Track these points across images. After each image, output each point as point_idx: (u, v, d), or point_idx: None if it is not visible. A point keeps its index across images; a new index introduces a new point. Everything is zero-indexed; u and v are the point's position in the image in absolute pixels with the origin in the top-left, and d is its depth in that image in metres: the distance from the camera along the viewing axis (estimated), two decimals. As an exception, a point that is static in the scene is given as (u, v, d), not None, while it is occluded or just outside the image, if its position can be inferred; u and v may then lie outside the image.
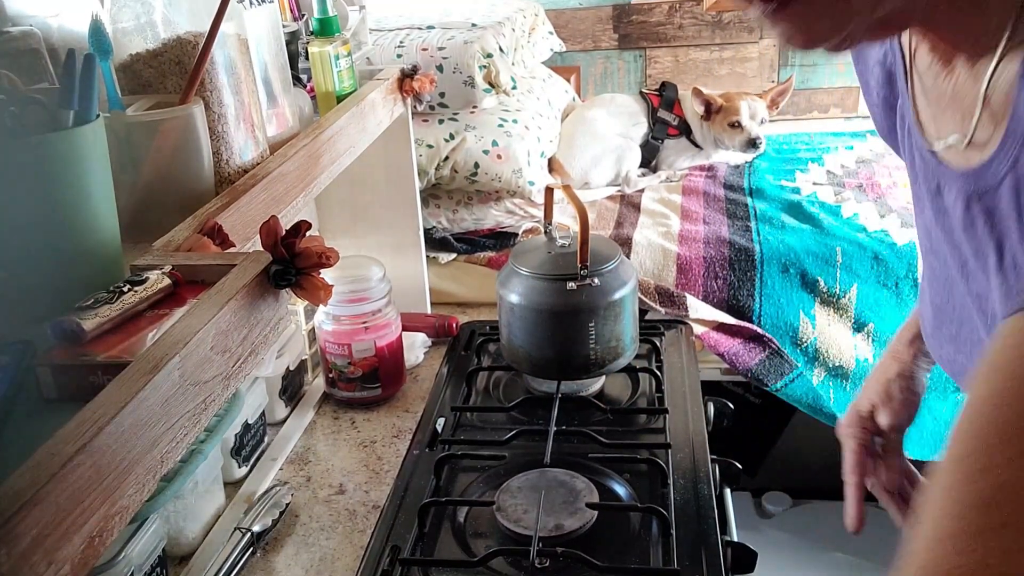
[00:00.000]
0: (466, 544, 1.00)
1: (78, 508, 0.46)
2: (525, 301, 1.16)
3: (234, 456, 1.14)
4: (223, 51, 0.85)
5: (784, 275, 1.55)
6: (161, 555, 0.93)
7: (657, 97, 1.99)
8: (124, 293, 0.61)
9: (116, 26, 0.82)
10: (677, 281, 1.56)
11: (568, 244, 1.19)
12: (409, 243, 1.48)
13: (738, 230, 1.67)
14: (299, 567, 1.02)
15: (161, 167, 0.79)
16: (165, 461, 0.55)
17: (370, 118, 1.18)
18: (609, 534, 0.99)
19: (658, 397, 1.25)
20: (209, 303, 0.62)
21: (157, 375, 0.53)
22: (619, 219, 1.78)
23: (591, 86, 2.48)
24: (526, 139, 1.66)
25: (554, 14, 2.36)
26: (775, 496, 1.98)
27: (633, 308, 1.20)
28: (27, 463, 0.45)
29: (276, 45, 1.02)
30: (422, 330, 1.47)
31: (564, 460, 1.08)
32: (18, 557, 0.41)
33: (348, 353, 1.28)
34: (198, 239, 0.74)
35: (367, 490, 1.14)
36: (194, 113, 0.80)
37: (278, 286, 0.68)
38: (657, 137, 1.96)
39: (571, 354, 1.17)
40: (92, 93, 0.64)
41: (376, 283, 1.28)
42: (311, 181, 0.98)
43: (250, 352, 0.66)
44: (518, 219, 1.71)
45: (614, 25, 2.41)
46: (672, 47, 2.41)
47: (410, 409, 1.32)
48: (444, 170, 1.63)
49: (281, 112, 1.03)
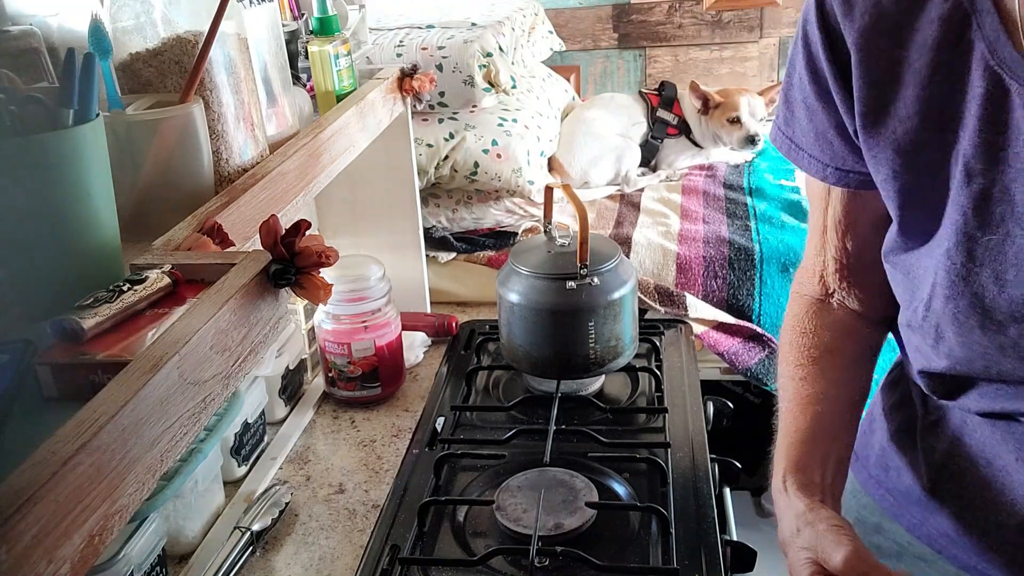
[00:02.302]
0: (466, 543, 1.00)
1: (78, 507, 0.46)
2: (525, 300, 1.16)
3: (234, 455, 1.14)
4: (223, 50, 0.85)
5: (784, 274, 1.55)
6: (161, 554, 0.93)
7: (656, 96, 1.99)
8: (124, 292, 0.61)
9: (116, 25, 0.82)
10: (677, 280, 1.56)
11: (568, 243, 1.19)
12: (409, 242, 1.48)
13: (738, 229, 1.67)
14: (299, 566, 1.02)
15: (161, 166, 0.79)
16: (165, 460, 0.55)
17: (370, 117, 1.18)
18: (608, 533, 0.99)
19: (658, 396, 1.25)
20: (209, 302, 0.62)
21: (157, 374, 0.53)
22: (619, 218, 1.78)
23: (591, 85, 2.48)
24: (526, 138, 1.66)
25: (554, 13, 2.36)
26: (775, 495, 1.98)
27: (633, 307, 1.20)
28: (27, 462, 0.45)
29: (276, 44, 1.02)
30: (422, 329, 1.47)
31: (564, 459, 1.08)
32: (18, 555, 0.41)
33: (348, 352, 1.28)
34: (198, 238, 0.74)
35: (367, 489, 1.14)
36: (194, 112, 0.80)
37: (278, 285, 0.68)
38: (657, 137, 1.96)
39: (571, 353, 1.18)
40: (92, 92, 0.63)
41: (376, 282, 1.28)
42: (311, 180, 0.98)
43: (250, 351, 0.66)
44: (518, 218, 1.71)
45: (614, 24, 2.41)
46: (672, 46, 2.41)
47: (410, 408, 1.32)
48: (444, 169, 1.63)
49: (281, 111, 1.03)
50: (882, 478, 0.89)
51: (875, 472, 0.90)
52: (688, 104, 1.96)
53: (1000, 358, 0.71)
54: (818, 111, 0.77)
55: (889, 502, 0.88)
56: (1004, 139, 0.65)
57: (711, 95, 1.91)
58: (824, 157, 0.80)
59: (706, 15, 2.36)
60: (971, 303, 0.71)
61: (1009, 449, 0.74)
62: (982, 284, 0.70)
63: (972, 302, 0.71)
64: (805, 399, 0.84)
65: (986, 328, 0.71)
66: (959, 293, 0.71)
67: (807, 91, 0.77)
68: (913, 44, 0.69)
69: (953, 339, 0.74)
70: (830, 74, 0.74)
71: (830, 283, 0.87)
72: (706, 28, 2.38)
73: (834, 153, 0.79)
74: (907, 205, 0.73)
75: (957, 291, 0.71)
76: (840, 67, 0.73)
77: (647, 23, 2.40)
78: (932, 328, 0.76)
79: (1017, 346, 0.69)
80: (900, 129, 0.71)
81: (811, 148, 0.80)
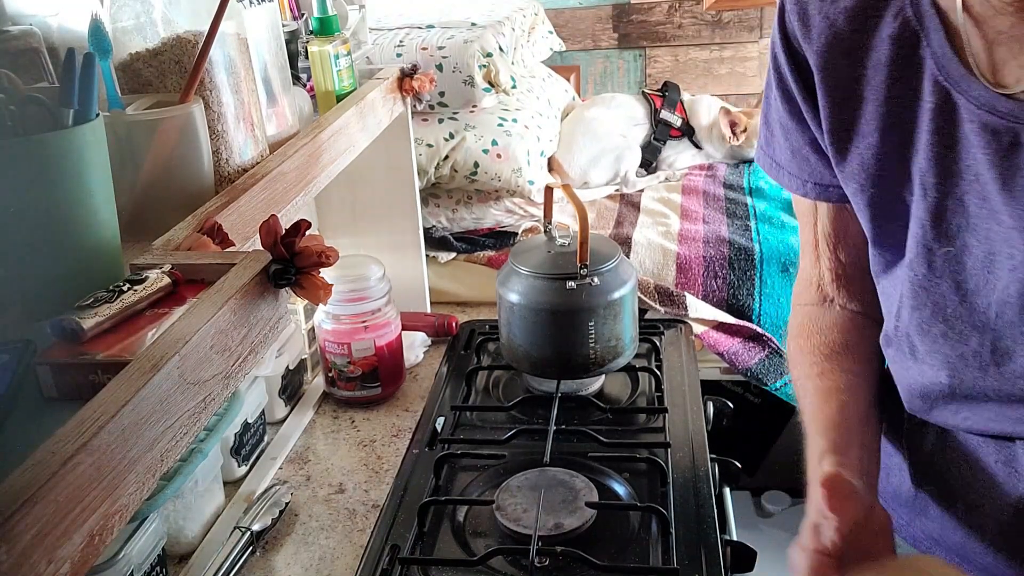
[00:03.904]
0: (466, 543, 1.00)
1: (78, 506, 0.46)
2: (525, 300, 1.16)
3: (234, 455, 1.14)
4: (223, 50, 0.85)
5: (784, 274, 1.55)
6: (161, 554, 0.93)
7: (659, 98, 1.98)
8: (124, 292, 0.61)
9: (116, 25, 0.82)
10: (677, 280, 1.56)
11: (568, 243, 1.19)
12: (409, 242, 1.48)
13: (738, 229, 1.67)
14: (299, 566, 1.02)
15: (161, 166, 0.79)
16: (165, 460, 0.55)
17: (370, 117, 1.18)
18: (608, 533, 0.99)
19: (658, 396, 1.25)
20: (209, 302, 0.62)
21: (157, 374, 0.53)
22: (619, 218, 1.78)
23: (591, 85, 2.48)
24: (526, 138, 1.66)
25: (554, 13, 2.36)
26: (774, 495, 1.98)
27: (633, 307, 1.20)
28: (27, 461, 0.45)
29: (276, 44, 1.02)
30: (422, 329, 1.47)
31: (564, 459, 1.08)
32: (18, 555, 0.41)
33: (348, 352, 1.28)
34: (198, 238, 0.74)
35: (367, 489, 1.14)
36: (194, 112, 0.80)
37: (278, 285, 0.68)
38: (659, 138, 1.96)
39: (571, 353, 1.18)
40: (92, 92, 0.64)
41: (376, 282, 1.28)
42: (311, 180, 0.98)
43: (250, 351, 0.66)
44: (518, 218, 1.71)
45: (614, 24, 2.41)
46: (672, 46, 2.41)
47: (410, 408, 1.32)
48: (444, 169, 1.63)
49: (281, 111, 1.03)
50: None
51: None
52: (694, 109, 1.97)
53: (963, 368, 0.72)
54: (792, 129, 0.79)
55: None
56: (955, 153, 0.67)
57: (739, 119, 1.91)
58: (803, 174, 0.82)
59: (706, 15, 2.36)
60: (933, 313, 0.72)
61: (990, 452, 0.75)
62: (943, 295, 0.71)
63: (934, 312, 0.72)
64: (827, 391, 0.83)
65: (948, 338, 0.72)
66: (922, 304, 0.73)
67: (781, 111, 0.80)
68: (870, 62, 0.70)
69: (921, 350, 0.75)
70: (798, 93, 0.76)
71: (829, 291, 0.88)
72: (706, 28, 2.38)
73: (812, 169, 0.80)
74: (876, 218, 0.75)
75: (920, 302, 0.73)
76: (806, 86, 0.75)
77: (647, 23, 2.40)
78: (904, 339, 0.77)
79: (978, 355, 0.70)
80: (863, 144, 0.72)
81: (790, 166, 0.82)
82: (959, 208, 0.68)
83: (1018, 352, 0.68)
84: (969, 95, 0.65)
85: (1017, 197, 0.64)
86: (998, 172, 0.64)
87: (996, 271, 0.67)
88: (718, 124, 1.95)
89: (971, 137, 0.66)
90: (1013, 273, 0.66)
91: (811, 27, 0.73)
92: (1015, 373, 0.69)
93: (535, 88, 1.85)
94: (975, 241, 0.68)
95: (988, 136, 0.64)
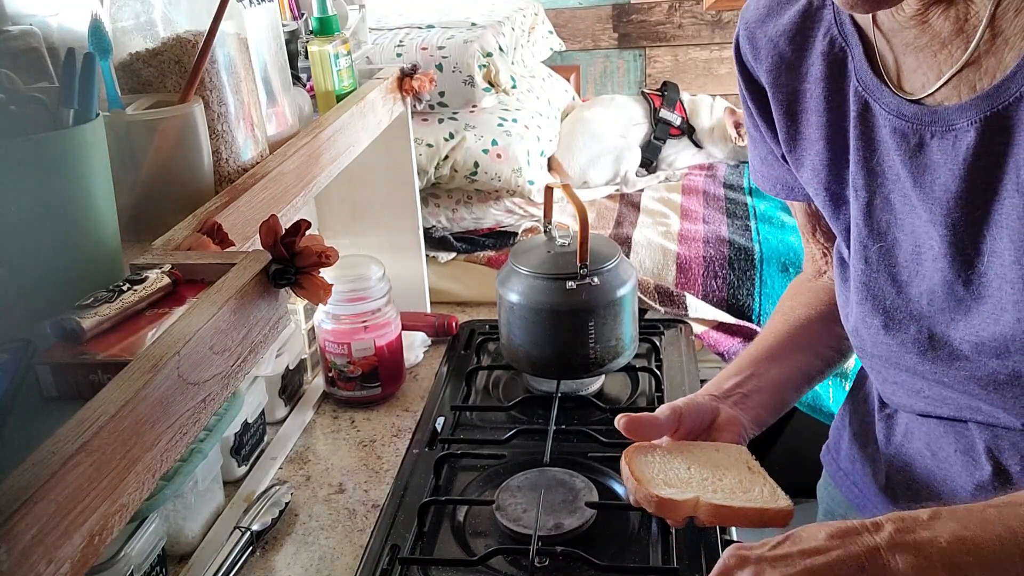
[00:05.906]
0: (466, 543, 1.00)
1: (78, 506, 0.46)
2: (525, 300, 1.16)
3: (233, 455, 1.14)
4: (223, 50, 0.85)
5: (784, 274, 1.55)
6: (160, 554, 0.93)
7: (659, 97, 1.98)
8: (124, 292, 0.61)
9: (116, 25, 0.82)
10: (677, 280, 1.56)
11: (568, 243, 1.19)
12: (409, 242, 1.48)
13: (737, 229, 1.67)
14: (299, 566, 1.02)
15: (161, 166, 0.79)
16: (165, 460, 0.55)
17: (370, 117, 1.18)
18: (608, 533, 0.99)
19: (658, 396, 1.25)
20: (208, 302, 0.62)
21: (157, 374, 0.53)
22: (619, 218, 1.78)
23: (591, 85, 2.48)
24: (526, 138, 1.66)
25: (554, 13, 2.36)
26: (774, 495, 1.98)
27: (633, 307, 1.20)
28: (27, 461, 0.45)
29: (276, 44, 1.02)
30: (422, 329, 1.47)
31: (564, 459, 1.08)
32: (18, 555, 0.41)
33: (348, 352, 1.28)
34: (198, 238, 0.74)
35: (367, 489, 1.14)
36: (194, 112, 0.80)
37: (277, 285, 0.68)
38: (659, 137, 1.96)
39: (571, 353, 1.18)
40: (92, 92, 0.64)
41: (376, 282, 1.28)
42: (311, 180, 0.98)
43: (249, 351, 0.66)
44: (518, 218, 1.71)
45: (614, 24, 2.41)
46: (672, 46, 2.41)
47: (410, 408, 1.32)
48: (444, 169, 1.63)
49: (281, 111, 1.03)
50: (849, 471, 0.94)
51: (844, 465, 0.95)
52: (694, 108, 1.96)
53: (903, 354, 0.77)
54: (757, 138, 0.90)
55: (855, 494, 0.92)
56: (877, 155, 0.74)
57: (743, 119, 1.91)
58: (772, 178, 0.91)
59: (706, 15, 2.36)
60: (874, 306, 0.78)
61: (950, 441, 0.78)
62: (880, 288, 0.77)
63: (875, 305, 0.78)
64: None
65: (888, 328, 0.78)
66: (864, 297, 0.79)
67: (748, 122, 0.89)
68: (810, 77, 0.78)
69: (867, 340, 0.81)
70: (755, 109, 0.86)
71: (821, 265, 0.99)
72: (706, 28, 2.38)
73: (777, 175, 0.90)
74: (831, 218, 0.82)
75: (862, 296, 0.79)
76: (761, 101, 0.85)
77: (647, 23, 2.40)
78: (854, 332, 0.83)
79: (917, 341, 0.76)
80: (811, 152, 0.80)
81: (761, 169, 0.93)
82: (887, 206, 0.74)
83: (952, 337, 0.73)
84: (882, 102, 0.72)
85: (927, 193, 0.70)
86: (909, 171, 0.71)
87: (923, 262, 0.73)
88: (721, 124, 1.95)
89: (888, 140, 0.72)
90: (935, 263, 0.71)
91: (759, 49, 0.82)
92: (952, 356, 0.73)
93: (535, 88, 1.85)
94: (903, 235, 0.74)
95: (899, 139, 0.71)
